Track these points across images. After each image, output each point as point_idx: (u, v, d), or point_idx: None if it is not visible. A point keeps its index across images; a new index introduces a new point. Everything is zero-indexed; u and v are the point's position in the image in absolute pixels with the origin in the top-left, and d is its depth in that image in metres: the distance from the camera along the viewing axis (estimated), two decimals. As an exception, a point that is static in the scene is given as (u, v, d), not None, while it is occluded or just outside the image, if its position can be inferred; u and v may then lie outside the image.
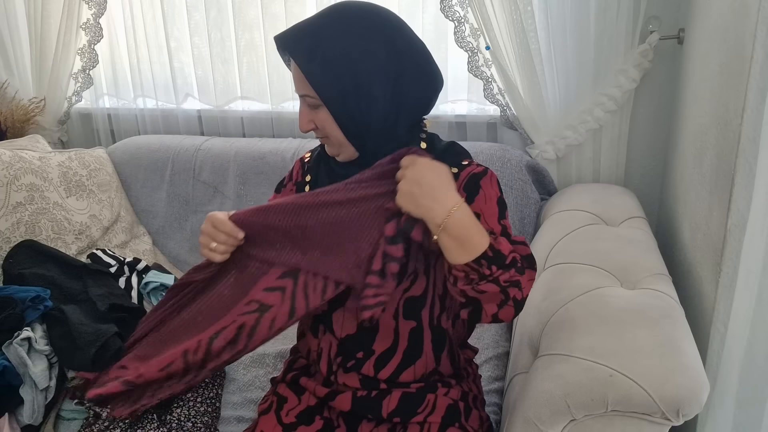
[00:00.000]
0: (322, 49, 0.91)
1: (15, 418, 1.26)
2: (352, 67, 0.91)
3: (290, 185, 1.14)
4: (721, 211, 1.05)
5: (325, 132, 0.98)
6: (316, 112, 0.96)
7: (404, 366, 1.05)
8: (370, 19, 0.93)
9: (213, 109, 2.15)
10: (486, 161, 1.71)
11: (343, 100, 0.93)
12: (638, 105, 1.71)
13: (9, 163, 1.73)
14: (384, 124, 0.95)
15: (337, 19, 0.93)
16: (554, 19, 1.63)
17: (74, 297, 1.48)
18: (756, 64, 0.92)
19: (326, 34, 0.92)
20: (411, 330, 1.04)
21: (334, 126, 0.96)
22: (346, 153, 1.00)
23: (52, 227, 1.75)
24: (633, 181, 1.78)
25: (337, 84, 0.92)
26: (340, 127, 0.96)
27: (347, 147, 0.99)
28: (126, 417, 1.08)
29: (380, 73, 0.92)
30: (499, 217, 0.97)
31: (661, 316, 1.01)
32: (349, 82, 0.91)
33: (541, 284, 1.27)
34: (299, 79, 0.94)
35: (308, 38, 0.92)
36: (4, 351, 1.29)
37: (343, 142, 0.98)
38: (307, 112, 0.97)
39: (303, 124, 0.98)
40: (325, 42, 0.91)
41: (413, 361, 1.05)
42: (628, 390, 0.88)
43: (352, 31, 0.91)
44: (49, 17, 2.12)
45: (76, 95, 2.24)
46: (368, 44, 0.91)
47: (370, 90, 0.92)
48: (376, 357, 1.05)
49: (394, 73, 0.92)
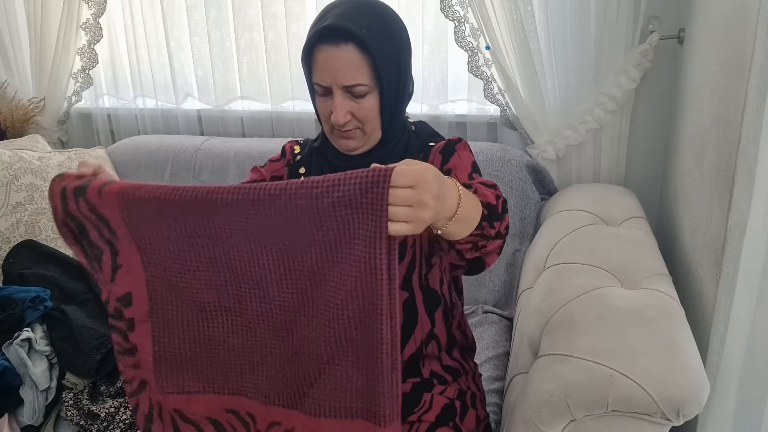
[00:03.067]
0: (376, 33, 0.92)
1: (15, 419, 1.26)
2: (398, 51, 0.96)
3: (281, 164, 1.12)
4: (721, 211, 1.05)
5: (365, 122, 0.97)
6: (360, 102, 0.95)
7: (405, 338, 1.04)
8: (388, 8, 0.98)
9: (213, 109, 2.15)
10: (486, 161, 1.71)
11: (393, 83, 0.96)
12: (638, 105, 1.70)
13: (9, 163, 1.73)
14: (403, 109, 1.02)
15: (371, 9, 0.95)
16: (554, 19, 1.63)
17: (75, 297, 1.48)
18: (756, 63, 0.92)
19: (370, 21, 0.93)
20: (405, 301, 1.04)
21: (376, 114, 0.97)
22: (368, 145, 1.01)
23: (52, 227, 1.75)
24: (633, 181, 1.78)
25: (390, 67, 0.95)
26: (382, 115, 0.97)
27: (374, 137, 1.00)
28: None
29: (409, 57, 0.99)
30: (471, 171, 1.00)
31: (661, 316, 1.01)
32: (396, 66, 0.96)
33: (541, 284, 1.26)
34: (350, 68, 0.92)
35: (363, 23, 0.92)
36: (4, 351, 1.29)
37: (375, 132, 0.99)
38: (347, 103, 0.95)
39: (341, 115, 0.94)
40: (375, 27, 0.93)
41: (412, 330, 1.05)
42: (629, 390, 0.88)
43: (387, 18, 0.96)
44: (49, 17, 2.12)
45: (76, 95, 2.24)
46: (401, 30, 0.98)
47: (406, 74, 0.99)
48: None
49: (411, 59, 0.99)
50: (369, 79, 0.94)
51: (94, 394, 1.29)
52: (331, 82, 0.94)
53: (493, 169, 1.70)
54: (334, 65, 0.92)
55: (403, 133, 1.05)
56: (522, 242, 1.68)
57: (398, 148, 1.04)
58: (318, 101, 0.99)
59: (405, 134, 1.05)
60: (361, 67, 0.92)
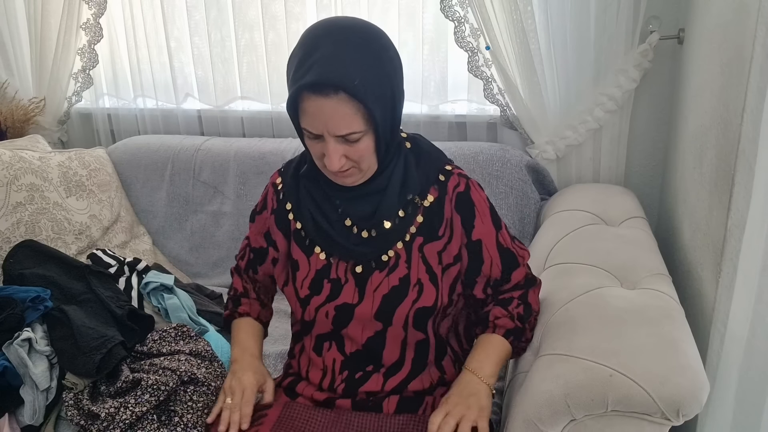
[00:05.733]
0: (368, 77, 0.87)
1: (15, 419, 1.26)
2: (392, 85, 0.91)
3: (266, 214, 1.11)
4: (721, 211, 1.05)
5: (361, 161, 0.93)
6: (355, 146, 0.90)
7: (411, 377, 1.05)
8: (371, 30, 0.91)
9: (213, 109, 2.15)
10: (486, 161, 1.71)
11: (389, 121, 0.92)
12: (638, 105, 1.71)
13: (9, 163, 1.73)
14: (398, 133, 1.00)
15: (356, 45, 0.88)
16: (554, 19, 1.63)
17: (75, 297, 1.48)
18: (756, 63, 0.92)
19: (358, 62, 0.86)
20: (418, 342, 1.04)
21: (372, 152, 0.93)
22: (365, 177, 0.97)
23: (52, 227, 1.75)
24: (633, 181, 1.78)
25: (385, 107, 0.90)
26: (377, 151, 0.94)
27: (371, 170, 0.97)
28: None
29: (402, 80, 0.94)
30: (496, 232, 1.03)
31: (661, 316, 1.01)
32: (391, 104, 0.92)
33: (542, 284, 1.27)
34: (343, 118, 0.87)
35: (352, 69, 0.86)
36: (4, 351, 1.29)
37: (372, 166, 0.96)
38: (341, 147, 0.90)
39: (336, 162, 0.90)
40: (365, 69, 0.87)
41: (419, 373, 1.06)
42: (628, 390, 0.88)
43: (376, 49, 0.89)
44: (49, 17, 2.12)
45: (76, 95, 2.24)
46: (391, 57, 0.92)
47: (400, 103, 0.95)
48: (385, 370, 1.05)
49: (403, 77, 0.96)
50: (363, 125, 0.89)
51: (94, 394, 1.29)
52: (322, 130, 0.89)
53: (493, 169, 1.70)
54: (325, 114, 0.87)
55: (398, 155, 1.00)
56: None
57: (396, 173, 0.99)
58: (308, 142, 0.95)
59: (401, 156, 1.00)
60: (354, 116, 0.87)
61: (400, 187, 0.99)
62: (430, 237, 1.01)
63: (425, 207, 1.01)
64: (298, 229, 1.06)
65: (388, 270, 1.01)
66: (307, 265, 1.05)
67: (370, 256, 1.01)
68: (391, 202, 0.99)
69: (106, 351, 1.28)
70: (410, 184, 1.00)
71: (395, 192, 0.99)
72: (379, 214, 0.99)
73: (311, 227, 1.03)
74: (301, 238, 1.06)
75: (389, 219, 0.99)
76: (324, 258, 1.03)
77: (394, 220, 0.99)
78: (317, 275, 1.04)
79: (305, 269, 1.05)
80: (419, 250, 1.01)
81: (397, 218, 1.00)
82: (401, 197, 0.99)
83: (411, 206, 1.00)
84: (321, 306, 1.03)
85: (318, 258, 1.04)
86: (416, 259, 1.00)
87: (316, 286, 1.03)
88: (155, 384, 1.23)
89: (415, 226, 1.01)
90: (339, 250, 1.02)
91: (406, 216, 1.00)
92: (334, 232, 1.01)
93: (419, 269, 1.00)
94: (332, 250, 1.02)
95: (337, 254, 1.02)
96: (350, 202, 1.00)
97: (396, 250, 1.01)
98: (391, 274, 1.01)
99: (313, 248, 1.04)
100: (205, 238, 1.97)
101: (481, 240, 1.01)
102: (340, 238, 1.00)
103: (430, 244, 1.01)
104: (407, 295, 1.00)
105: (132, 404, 1.21)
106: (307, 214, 1.03)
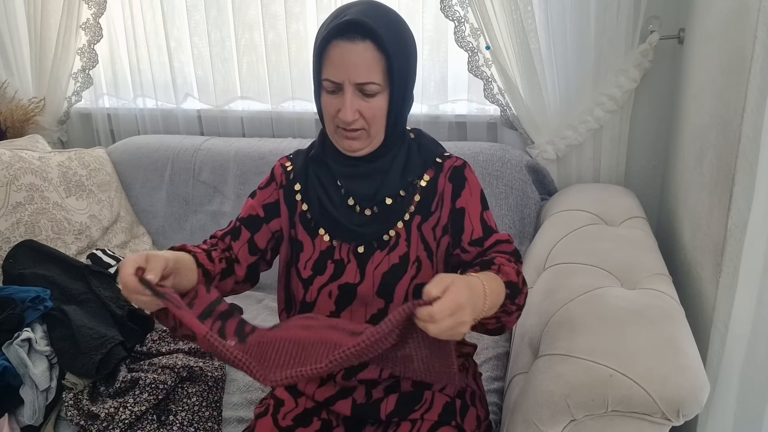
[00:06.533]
0: (393, 35, 0.93)
1: (15, 419, 1.26)
2: (410, 56, 0.98)
3: (273, 187, 1.12)
4: (721, 211, 1.05)
5: (372, 122, 0.97)
6: (369, 101, 0.95)
7: None
8: (400, 15, 0.99)
9: (213, 109, 2.15)
10: (486, 161, 1.71)
11: (402, 86, 0.97)
12: (638, 105, 1.70)
13: (9, 163, 1.73)
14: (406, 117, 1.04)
15: (386, 12, 0.96)
16: (554, 19, 1.63)
17: (75, 297, 1.48)
18: (756, 63, 0.92)
19: (387, 22, 0.94)
20: None
21: (383, 115, 0.98)
22: (371, 147, 1.02)
23: (51, 227, 1.75)
24: (633, 181, 1.78)
25: (402, 68, 0.96)
26: (388, 117, 0.98)
27: (377, 140, 1.01)
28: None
29: (416, 66, 1.01)
30: (482, 209, 1.05)
31: (662, 316, 1.01)
32: (406, 70, 0.97)
33: (541, 284, 1.27)
34: (366, 65, 0.92)
35: (381, 23, 0.92)
36: (4, 351, 1.29)
37: (379, 135, 1.00)
38: (357, 101, 0.95)
39: (351, 113, 0.94)
40: (392, 30, 0.94)
41: None
42: (629, 390, 0.88)
43: (402, 24, 0.98)
44: (49, 17, 2.12)
45: (76, 95, 2.24)
46: (413, 38, 0.99)
47: (413, 81, 1.01)
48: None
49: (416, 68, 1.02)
50: (382, 79, 0.94)
51: (94, 394, 1.29)
52: (343, 78, 0.93)
53: (493, 169, 1.70)
54: (350, 61, 0.92)
55: (402, 141, 1.06)
56: (522, 242, 1.68)
57: (399, 157, 1.05)
58: (324, 98, 0.98)
59: (405, 143, 1.06)
60: (376, 66, 0.93)
61: (401, 171, 1.04)
62: (426, 214, 1.05)
63: (422, 186, 1.05)
64: (304, 211, 1.08)
65: (389, 249, 1.04)
66: (312, 246, 1.07)
67: (372, 237, 1.04)
68: (393, 182, 1.04)
69: (105, 351, 1.28)
70: (411, 168, 1.05)
71: (397, 174, 1.04)
72: (381, 193, 1.03)
73: (317, 210, 1.06)
74: (306, 220, 1.08)
75: (391, 197, 1.04)
76: (328, 240, 1.06)
77: (396, 198, 1.04)
78: (321, 256, 1.06)
79: (309, 251, 1.07)
80: (418, 228, 1.04)
81: (398, 197, 1.04)
82: (402, 179, 1.04)
83: (411, 187, 1.05)
84: (324, 286, 1.05)
85: (322, 240, 1.06)
86: (415, 238, 1.04)
87: (319, 267, 1.06)
88: (153, 383, 1.23)
89: (414, 206, 1.04)
90: (342, 232, 1.04)
91: (406, 195, 1.04)
92: (338, 214, 1.04)
93: (418, 247, 1.04)
94: (336, 233, 1.05)
95: (340, 237, 1.05)
96: (354, 182, 1.04)
97: (396, 229, 1.04)
98: (391, 252, 1.03)
99: (318, 230, 1.07)
100: (205, 238, 1.97)
101: (464, 208, 1.04)
102: (343, 219, 1.04)
103: (427, 222, 1.05)
104: (406, 272, 1.03)
105: (131, 404, 1.21)
106: (314, 196, 1.07)
